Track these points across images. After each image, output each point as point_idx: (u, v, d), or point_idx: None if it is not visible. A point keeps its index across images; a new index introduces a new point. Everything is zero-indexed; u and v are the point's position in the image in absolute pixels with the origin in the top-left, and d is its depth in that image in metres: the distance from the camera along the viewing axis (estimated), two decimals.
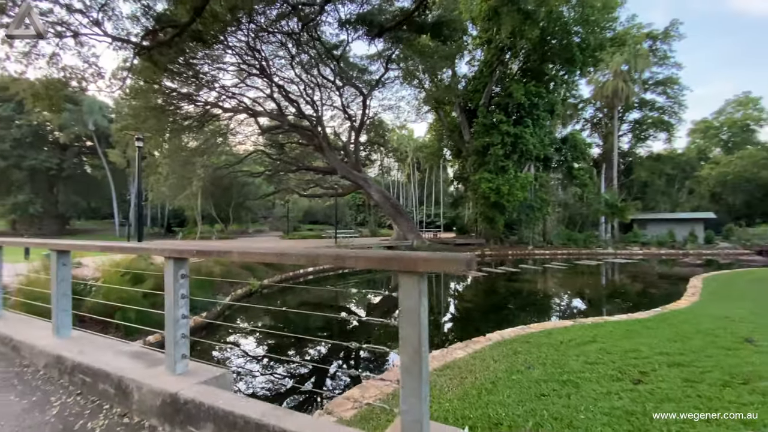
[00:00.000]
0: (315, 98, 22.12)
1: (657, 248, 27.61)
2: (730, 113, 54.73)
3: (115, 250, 2.59)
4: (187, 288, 2.22)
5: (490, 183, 22.68)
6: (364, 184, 23.50)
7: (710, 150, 55.48)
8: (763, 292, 10.07)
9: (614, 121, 37.06)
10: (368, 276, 16.96)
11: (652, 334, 6.26)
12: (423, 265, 1.40)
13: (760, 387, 3.54)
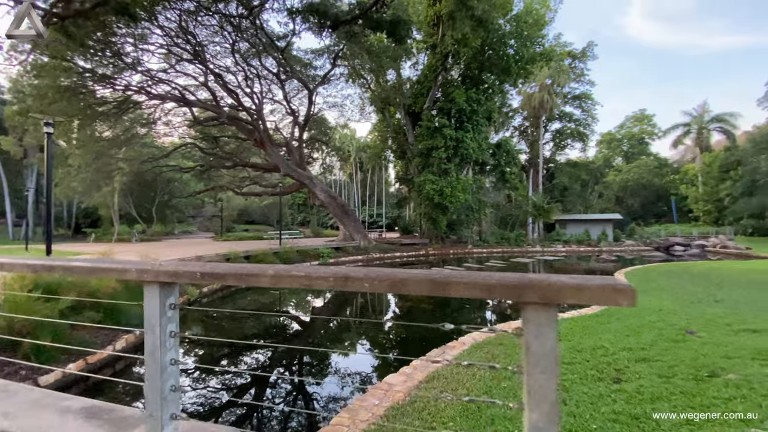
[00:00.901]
0: (255, 90, 20.69)
1: (577, 246, 30.66)
2: (629, 127, 62.92)
3: (56, 270, 1.88)
4: (178, 322, 1.65)
5: (434, 185, 23.24)
6: (309, 183, 22.62)
7: (614, 159, 63.16)
8: (676, 284, 11.49)
9: (540, 130, 40.34)
10: None
11: (607, 329, 6.67)
12: (571, 295, 1.09)
13: (732, 381, 3.83)
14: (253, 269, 1.40)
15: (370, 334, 8.83)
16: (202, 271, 1.47)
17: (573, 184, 43.52)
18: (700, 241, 32.91)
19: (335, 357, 7.21)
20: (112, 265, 1.70)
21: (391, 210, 46.80)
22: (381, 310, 11.69)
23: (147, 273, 1.54)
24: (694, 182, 52.13)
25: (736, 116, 49.63)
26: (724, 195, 44.10)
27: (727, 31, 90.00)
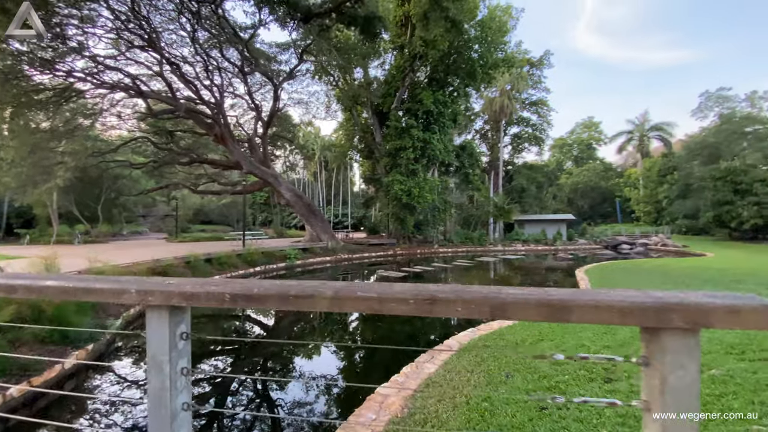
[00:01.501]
0: (216, 82, 19.54)
1: (535, 245, 32.04)
2: (579, 133, 66.94)
3: (18, 292, 1.45)
4: (190, 355, 1.33)
5: (402, 185, 23.25)
6: (274, 182, 21.75)
7: (565, 162, 66.93)
8: (633, 280, 12.22)
9: (500, 133, 41.76)
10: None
11: (583, 327, 6.83)
12: (722, 319, 0.93)
13: (716, 376, 3.98)
14: (306, 289, 1.11)
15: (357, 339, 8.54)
16: (232, 292, 1.15)
17: (530, 185, 45.49)
18: (643, 239, 35.50)
19: (321, 365, 6.85)
20: (100, 284, 1.31)
21: (357, 210, 46.44)
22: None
23: (152, 295, 1.20)
24: (636, 185, 56.53)
25: (672, 125, 54.40)
26: (662, 197, 48.09)
27: (665, 47, 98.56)
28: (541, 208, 47.11)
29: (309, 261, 19.39)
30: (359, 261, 21.64)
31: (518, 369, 4.87)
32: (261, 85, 23.36)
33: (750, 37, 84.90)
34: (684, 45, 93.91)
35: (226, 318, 10.32)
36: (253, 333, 9.31)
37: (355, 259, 21.77)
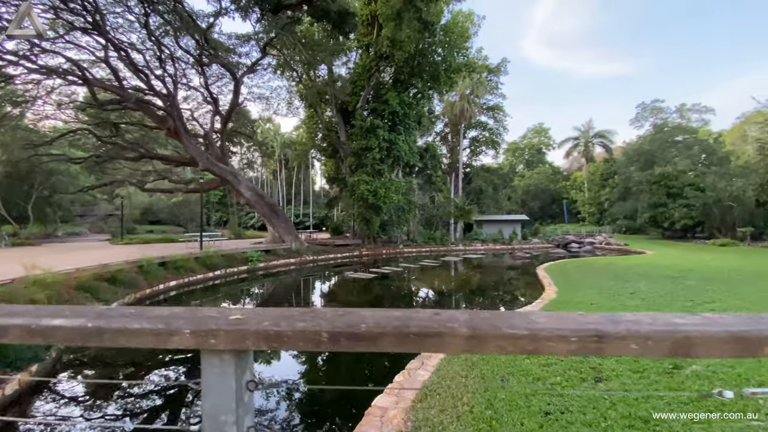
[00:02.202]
0: (169, 72, 18.15)
1: (493, 244, 33.22)
2: (530, 138, 70.50)
3: (58, 336, 1.05)
4: (254, 410, 1.05)
5: (368, 185, 23.05)
6: (233, 180, 20.62)
7: (518, 165, 70.24)
8: (591, 278, 12.93)
9: (459, 136, 42.86)
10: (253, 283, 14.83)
11: None
12: None
13: (699, 372, 4.20)
14: (431, 324, 0.87)
15: None
16: (331, 329, 0.87)
17: (487, 187, 47.15)
18: (590, 238, 38.01)
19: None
20: (138, 323, 0.94)
21: (319, 209, 45.53)
22: None
23: (216, 336, 0.91)
24: (581, 188, 60.69)
25: (613, 133, 58.99)
26: (604, 199, 51.94)
27: (606, 60, 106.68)
28: (498, 209, 49.02)
29: (272, 263, 18.60)
30: (324, 262, 21.14)
31: (512, 372, 4.87)
32: (218, 78, 22.11)
33: (679, 55, 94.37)
34: (623, 59, 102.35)
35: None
36: None
37: (321, 261, 21.24)
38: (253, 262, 17.32)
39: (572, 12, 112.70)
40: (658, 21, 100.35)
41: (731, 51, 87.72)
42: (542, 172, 65.82)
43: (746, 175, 32.57)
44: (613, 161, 52.37)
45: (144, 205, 35.32)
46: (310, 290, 14.77)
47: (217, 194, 38.87)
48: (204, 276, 14.20)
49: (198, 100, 23.38)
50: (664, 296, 9.42)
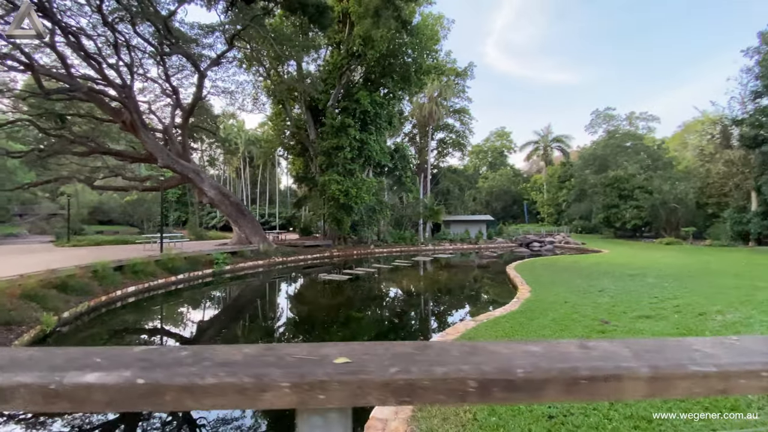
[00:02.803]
0: (125, 61, 16.81)
1: (461, 244, 33.89)
2: (492, 141, 72.76)
3: (97, 401, 0.74)
4: None
5: (339, 185, 22.67)
6: (196, 178, 19.50)
7: (482, 167, 72.33)
8: (560, 276, 13.40)
9: (428, 138, 43.37)
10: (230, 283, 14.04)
11: (540, 325, 7.17)
12: None
13: None
14: (603, 364, 0.70)
15: None
16: (480, 375, 0.67)
17: (454, 188, 48.08)
18: (550, 238, 39.72)
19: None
20: (211, 377, 0.69)
21: (285, 209, 44.34)
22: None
23: (327, 390, 0.69)
24: (540, 190, 63.51)
25: (570, 138, 62.23)
26: (562, 201, 54.66)
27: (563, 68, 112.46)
28: (464, 210, 50.12)
29: (239, 266, 17.77)
30: (294, 264, 20.53)
31: None
32: (178, 69, 20.85)
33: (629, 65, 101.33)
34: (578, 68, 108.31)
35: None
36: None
37: (290, 262, 20.60)
38: (219, 264, 16.46)
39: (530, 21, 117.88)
40: (609, 34, 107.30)
41: (672, 64, 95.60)
42: (504, 174, 68.21)
43: (687, 179, 35.47)
44: (570, 165, 55.19)
45: (93, 204, 32.60)
46: (284, 294, 14.23)
47: (175, 193, 36.74)
48: (166, 280, 13.25)
49: (156, 93, 21.94)
50: (629, 293, 9.91)
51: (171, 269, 13.88)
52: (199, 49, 19.24)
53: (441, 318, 10.40)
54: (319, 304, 11.73)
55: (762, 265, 15.57)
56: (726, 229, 28.37)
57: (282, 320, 10.20)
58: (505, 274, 16.36)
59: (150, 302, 11.59)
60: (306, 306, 11.67)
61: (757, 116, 24.83)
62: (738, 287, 9.61)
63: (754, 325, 5.73)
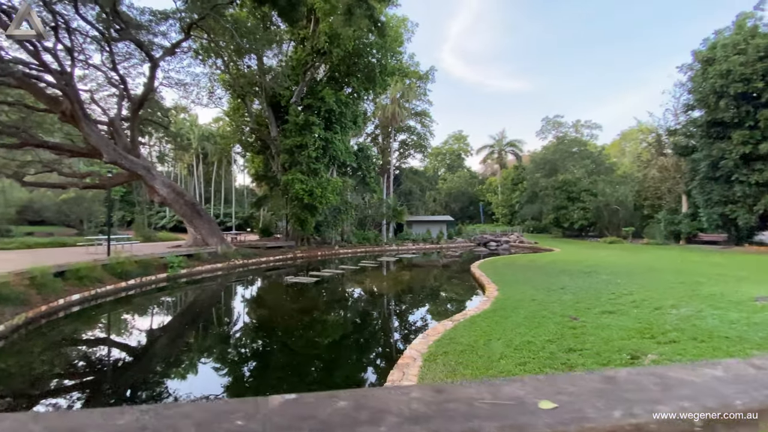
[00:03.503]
0: (65, 44, 15.17)
1: (423, 243, 34.45)
2: (450, 144, 74.77)
3: None
4: None
5: (303, 184, 22.11)
6: (146, 175, 18.09)
7: (440, 169, 74.11)
8: (521, 274, 13.99)
9: (390, 139, 43.66)
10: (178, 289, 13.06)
11: (515, 323, 7.40)
12: None
13: (659, 361, 4.68)
14: None
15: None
16: None
17: (415, 189, 48.81)
18: (505, 237, 41.51)
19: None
20: None
21: (242, 209, 42.51)
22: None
23: None
24: (495, 191, 66.23)
25: (522, 143, 65.50)
26: (515, 202, 57.36)
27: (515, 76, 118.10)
28: (425, 210, 51.05)
29: (197, 269, 16.73)
30: (256, 266, 19.71)
31: (493, 375, 4.93)
32: (125, 58, 19.23)
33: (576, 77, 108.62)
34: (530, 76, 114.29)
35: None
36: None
37: (252, 265, 19.76)
38: (174, 268, 15.37)
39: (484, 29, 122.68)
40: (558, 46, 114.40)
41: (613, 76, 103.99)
42: (462, 176, 70.39)
43: (626, 183, 38.71)
44: (523, 168, 58.09)
45: (22, 202, 29.10)
46: (247, 298, 13.55)
47: (119, 190, 33.85)
48: (115, 286, 12.13)
49: (99, 81, 20.05)
50: (588, 290, 10.54)
51: (120, 274, 12.72)
52: (150, 36, 17.86)
53: (417, 319, 10.44)
54: (288, 308, 11.29)
55: (695, 261, 17.32)
56: (660, 229, 31.32)
57: (250, 328, 9.69)
58: (470, 273, 16.83)
59: (98, 311, 10.54)
60: (273, 311, 11.18)
61: (689, 127, 27.70)
62: (682, 282, 10.59)
63: (707, 318, 6.32)
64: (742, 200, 23.47)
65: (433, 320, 9.89)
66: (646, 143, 40.22)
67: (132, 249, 16.76)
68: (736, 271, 13.37)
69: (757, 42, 21.97)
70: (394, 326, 9.73)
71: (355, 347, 8.04)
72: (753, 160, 23.02)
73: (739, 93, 22.47)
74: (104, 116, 19.72)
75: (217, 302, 12.75)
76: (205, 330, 9.35)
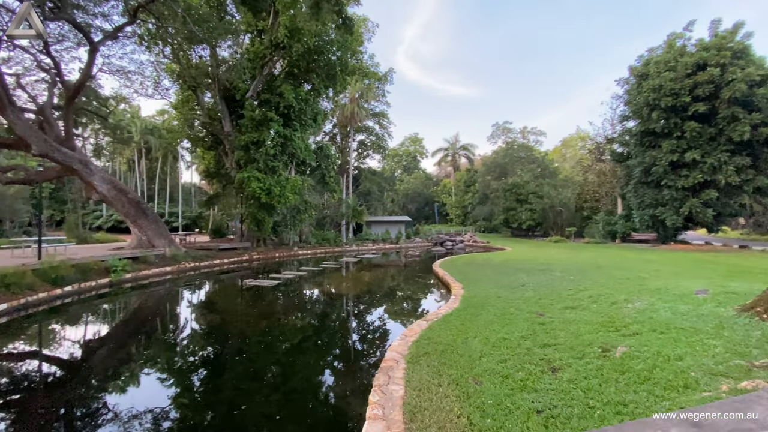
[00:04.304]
0: None
1: (383, 244, 34.58)
2: (407, 146, 75.94)
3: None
4: None
5: (261, 183, 21.21)
6: (83, 170, 16.34)
7: (397, 170, 75.00)
8: (482, 273, 14.48)
9: (349, 139, 43.36)
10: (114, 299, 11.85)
11: (487, 321, 7.63)
12: None
13: (627, 352, 5.01)
14: None
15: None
16: None
17: (374, 189, 48.91)
18: (460, 237, 42.90)
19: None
20: None
21: (188, 208, 39.92)
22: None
23: None
24: (449, 193, 68.31)
25: (475, 147, 68.21)
26: (467, 203, 59.55)
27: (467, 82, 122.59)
28: (383, 211, 51.33)
29: (143, 273, 15.39)
30: (209, 269, 18.57)
31: (480, 374, 4.99)
32: (58, 40, 17.25)
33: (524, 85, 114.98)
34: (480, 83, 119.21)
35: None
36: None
37: (204, 268, 18.59)
38: (118, 273, 14.02)
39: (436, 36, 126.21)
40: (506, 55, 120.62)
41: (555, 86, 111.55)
42: (418, 178, 71.74)
43: (567, 186, 41.70)
44: (475, 171, 60.47)
45: None
46: (205, 304, 12.66)
47: (47, 187, 30.21)
48: (49, 294, 10.78)
49: (26, 65, 17.77)
50: (547, 287, 11.13)
51: (55, 280, 11.34)
52: (88, 18, 16.15)
53: (390, 319, 10.38)
54: (252, 314, 10.73)
55: (632, 258, 19.02)
56: (599, 229, 34.10)
57: (210, 338, 9.04)
58: (433, 272, 17.14)
59: (28, 322, 9.30)
60: (235, 317, 10.52)
61: (624, 136, 30.46)
62: (628, 278, 11.56)
63: (660, 311, 6.92)
64: (670, 203, 26.27)
65: (405, 320, 9.92)
66: (587, 150, 43.55)
67: (66, 252, 15.02)
68: (670, 267, 14.88)
69: (685, 60, 24.70)
70: (369, 328, 9.60)
71: (331, 351, 7.81)
72: (680, 167, 25.85)
73: (669, 106, 25.13)
74: (32, 104, 17.51)
75: (169, 309, 11.76)
76: (157, 341, 8.56)
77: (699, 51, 24.65)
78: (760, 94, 22.28)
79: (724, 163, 23.74)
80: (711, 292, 8.45)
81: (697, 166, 24.81)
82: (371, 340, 8.61)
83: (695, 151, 24.53)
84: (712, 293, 8.30)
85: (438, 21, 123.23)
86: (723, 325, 5.77)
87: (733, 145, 23.68)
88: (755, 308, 6.18)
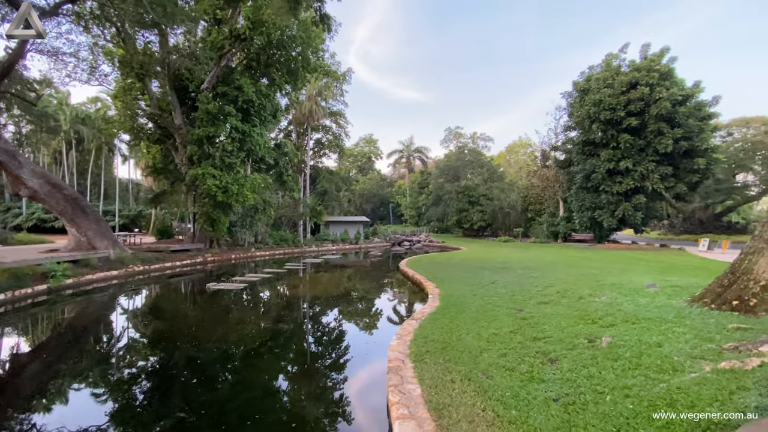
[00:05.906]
0: None
1: (342, 244, 34.35)
2: (362, 147, 76.07)
3: None
4: None
5: (216, 180, 20.05)
6: (10, 162, 14.35)
7: (352, 171, 74.80)
8: (450, 272, 14.94)
9: (306, 137, 42.46)
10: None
11: (472, 318, 7.97)
12: None
13: (613, 342, 5.52)
14: None
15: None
16: None
17: (332, 189, 48.34)
18: (416, 237, 43.86)
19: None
20: None
21: (126, 206, 36.54)
22: None
23: None
24: (404, 194, 69.48)
25: (428, 150, 70.08)
26: (422, 204, 61.03)
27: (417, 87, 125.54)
28: (340, 211, 50.90)
29: (86, 278, 13.85)
30: (160, 273, 17.18)
31: (487, 369, 5.21)
32: None
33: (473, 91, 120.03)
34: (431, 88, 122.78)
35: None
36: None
37: (155, 271, 17.17)
38: (57, 278, 12.50)
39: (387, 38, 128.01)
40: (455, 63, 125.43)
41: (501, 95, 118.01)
42: (373, 179, 72.12)
43: (513, 189, 44.44)
44: (428, 173, 62.16)
45: None
46: (163, 312, 11.66)
47: None
48: None
49: None
50: (514, 284, 11.81)
51: None
52: None
53: (374, 320, 10.35)
54: (222, 321, 10.11)
55: (576, 257, 20.77)
56: (543, 230, 36.76)
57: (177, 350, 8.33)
58: (401, 272, 17.37)
59: None
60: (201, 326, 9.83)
61: (567, 145, 33.17)
62: (584, 275, 12.64)
63: (624, 304, 7.69)
64: (606, 206, 29.15)
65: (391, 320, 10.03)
66: (534, 156, 46.65)
67: None
68: (614, 264, 16.49)
69: (621, 78, 27.57)
70: (358, 329, 9.51)
71: (332, 353, 7.65)
72: (615, 174, 28.76)
73: (607, 119, 27.89)
74: None
75: (120, 319, 10.64)
76: (108, 356, 7.76)
77: (632, 71, 27.69)
78: (681, 112, 25.55)
79: (651, 171, 26.86)
80: (659, 286, 9.54)
81: (630, 174, 27.80)
82: (366, 340, 8.55)
83: (628, 161, 27.47)
84: (660, 287, 9.38)
85: (389, 24, 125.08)
86: (681, 314, 6.57)
87: (659, 156, 26.89)
88: (703, 299, 7.10)
